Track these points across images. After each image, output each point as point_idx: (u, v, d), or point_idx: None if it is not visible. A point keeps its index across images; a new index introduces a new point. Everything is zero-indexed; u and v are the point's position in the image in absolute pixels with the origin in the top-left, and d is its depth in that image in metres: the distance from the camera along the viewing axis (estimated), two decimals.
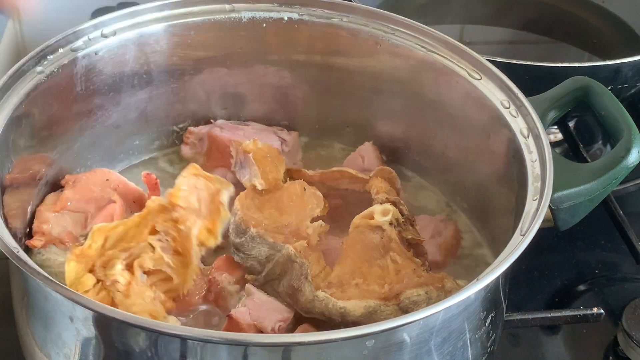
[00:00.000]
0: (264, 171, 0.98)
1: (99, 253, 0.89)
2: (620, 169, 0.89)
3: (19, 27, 1.46)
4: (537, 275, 1.13)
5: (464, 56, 1.00)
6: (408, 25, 1.03)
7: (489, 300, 0.83)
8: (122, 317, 0.70)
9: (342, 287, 0.87)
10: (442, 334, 0.78)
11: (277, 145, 1.08)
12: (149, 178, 0.99)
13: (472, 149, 1.01)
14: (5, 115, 0.90)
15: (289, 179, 1.01)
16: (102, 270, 0.87)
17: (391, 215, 0.90)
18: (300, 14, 1.06)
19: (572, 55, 1.42)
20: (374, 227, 0.91)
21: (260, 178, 0.98)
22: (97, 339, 0.75)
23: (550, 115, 0.96)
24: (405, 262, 0.88)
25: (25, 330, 0.84)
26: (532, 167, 0.89)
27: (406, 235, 0.92)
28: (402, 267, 0.88)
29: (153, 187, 1.00)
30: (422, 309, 0.73)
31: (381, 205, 0.93)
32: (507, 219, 0.92)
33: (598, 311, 1.00)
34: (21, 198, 0.95)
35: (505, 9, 1.49)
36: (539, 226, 0.80)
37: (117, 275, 0.86)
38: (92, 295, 0.86)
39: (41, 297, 0.78)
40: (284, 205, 0.97)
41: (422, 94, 1.04)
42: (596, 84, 0.95)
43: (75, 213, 0.98)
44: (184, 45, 1.06)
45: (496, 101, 0.96)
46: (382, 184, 0.98)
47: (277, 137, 1.10)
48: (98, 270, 0.87)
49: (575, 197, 0.89)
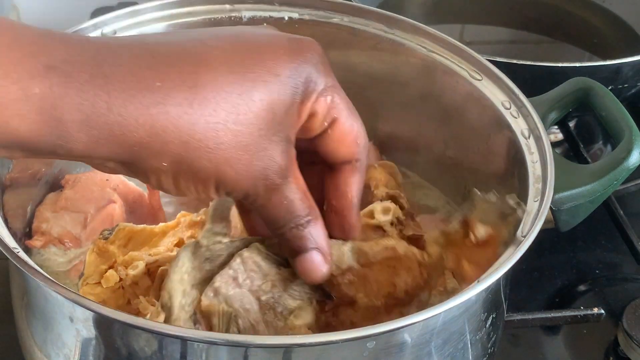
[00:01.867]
0: None
1: (121, 252, 0.89)
2: (621, 170, 0.89)
3: None
4: (538, 275, 1.13)
5: (464, 57, 1.00)
6: (409, 26, 1.03)
7: (490, 302, 0.83)
8: (123, 319, 0.69)
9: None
10: (443, 335, 0.78)
11: None
12: None
13: (472, 150, 1.01)
14: None
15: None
16: (124, 270, 0.87)
17: (392, 215, 0.90)
18: (300, 14, 1.06)
19: (572, 55, 1.42)
20: (375, 227, 0.90)
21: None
22: (97, 339, 0.74)
23: (551, 116, 0.95)
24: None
25: (25, 330, 0.83)
26: (533, 168, 0.89)
27: (407, 232, 0.91)
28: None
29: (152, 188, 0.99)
30: (423, 310, 0.72)
31: (381, 202, 0.92)
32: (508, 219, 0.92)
33: (598, 311, 1.00)
34: (21, 198, 0.95)
35: (505, 9, 1.49)
36: (540, 228, 0.80)
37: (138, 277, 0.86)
38: (109, 292, 0.86)
39: (41, 298, 0.77)
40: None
41: (423, 94, 1.04)
42: (597, 85, 0.95)
43: (74, 213, 0.98)
44: None
45: (497, 102, 0.96)
46: (380, 174, 0.98)
47: None
48: (120, 268, 0.87)
49: (576, 199, 0.88)
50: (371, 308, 0.84)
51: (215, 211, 0.85)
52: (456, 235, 0.85)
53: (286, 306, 0.81)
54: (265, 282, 0.81)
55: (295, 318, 0.81)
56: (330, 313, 0.83)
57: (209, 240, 0.82)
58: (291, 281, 0.82)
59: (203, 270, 0.81)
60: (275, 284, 0.82)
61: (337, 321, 0.83)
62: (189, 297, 0.80)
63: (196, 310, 0.79)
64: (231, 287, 0.80)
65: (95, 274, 0.87)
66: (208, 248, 0.82)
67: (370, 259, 0.84)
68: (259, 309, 0.81)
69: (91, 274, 0.87)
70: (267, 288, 0.81)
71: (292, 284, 0.82)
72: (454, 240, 0.85)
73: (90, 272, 0.88)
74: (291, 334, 0.79)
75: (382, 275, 0.84)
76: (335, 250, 0.83)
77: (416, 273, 0.85)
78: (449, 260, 0.85)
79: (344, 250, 0.84)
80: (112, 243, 0.89)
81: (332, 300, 0.83)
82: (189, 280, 0.81)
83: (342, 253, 0.83)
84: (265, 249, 0.82)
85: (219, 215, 0.85)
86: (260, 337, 0.77)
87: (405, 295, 0.84)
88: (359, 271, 0.84)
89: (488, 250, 0.83)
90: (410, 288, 0.84)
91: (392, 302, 0.84)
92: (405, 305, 0.84)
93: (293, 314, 0.81)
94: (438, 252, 0.86)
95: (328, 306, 0.83)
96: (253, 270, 0.81)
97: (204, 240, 0.82)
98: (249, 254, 0.82)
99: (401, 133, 1.10)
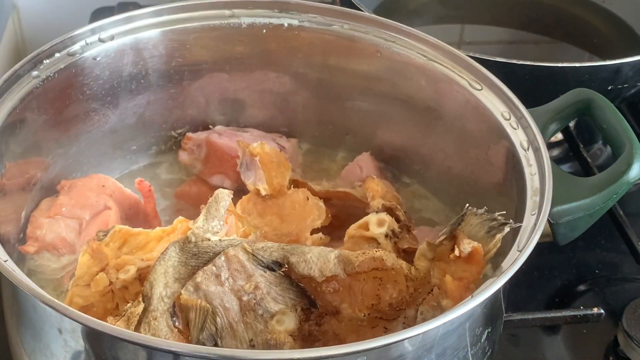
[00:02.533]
0: (270, 176, 0.97)
1: (115, 254, 0.88)
2: (621, 183, 0.88)
3: (19, 27, 1.46)
4: (537, 275, 1.13)
5: (465, 66, 0.99)
6: (409, 34, 1.02)
7: (485, 316, 0.82)
8: (110, 331, 0.69)
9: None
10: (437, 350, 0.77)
11: None
12: (142, 185, 0.99)
13: (471, 160, 1.00)
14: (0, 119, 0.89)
15: (292, 187, 1.00)
16: (115, 273, 0.86)
17: (386, 227, 0.89)
18: (300, 21, 1.05)
19: (572, 55, 1.41)
20: (369, 239, 0.89)
21: (265, 183, 0.97)
22: (86, 351, 0.74)
23: (551, 128, 0.94)
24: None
25: (15, 338, 0.83)
26: (531, 181, 0.88)
27: (402, 246, 0.91)
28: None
29: (147, 195, 0.99)
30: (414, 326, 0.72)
31: (377, 214, 0.91)
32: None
33: (598, 311, 1.00)
34: (15, 203, 0.95)
35: (505, 9, 1.48)
36: (536, 242, 0.79)
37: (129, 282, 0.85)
38: (97, 296, 0.85)
39: (30, 307, 0.77)
40: (285, 213, 0.96)
41: (423, 102, 1.03)
42: (598, 97, 0.94)
43: (69, 219, 0.97)
44: (182, 50, 1.04)
45: (497, 112, 0.95)
46: (378, 186, 0.97)
47: (275, 144, 1.09)
48: (111, 271, 0.86)
49: (574, 212, 0.88)
50: (355, 320, 0.83)
51: (210, 207, 0.85)
52: (444, 249, 0.84)
53: (267, 309, 0.81)
54: (249, 282, 0.81)
55: (278, 323, 0.81)
56: (313, 322, 0.83)
57: (198, 237, 0.83)
58: (276, 285, 0.82)
59: (189, 266, 0.81)
60: (259, 286, 0.82)
61: (320, 331, 0.83)
62: (169, 289, 0.80)
63: (175, 303, 0.79)
64: (212, 284, 0.80)
65: (86, 275, 0.87)
66: (196, 244, 0.82)
67: (356, 269, 0.84)
68: (239, 309, 0.81)
69: (82, 275, 0.87)
70: (250, 289, 0.81)
71: (277, 288, 0.82)
72: (440, 254, 0.84)
73: (82, 274, 0.87)
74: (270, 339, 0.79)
75: (368, 287, 0.84)
76: (320, 257, 0.83)
77: (402, 287, 0.84)
78: (435, 275, 0.85)
79: (329, 257, 0.83)
80: (106, 245, 0.88)
81: (317, 308, 0.83)
82: (172, 274, 0.81)
83: (328, 260, 0.83)
84: (252, 250, 0.82)
85: (214, 213, 0.84)
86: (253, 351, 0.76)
87: (390, 309, 0.84)
88: (345, 280, 0.83)
89: (473, 267, 0.83)
90: (396, 302, 0.84)
91: (376, 315, 0.84)
92: (390, 321, 0.84)
93: (275, 318, 0.81)
94: (426, 266, 0.85)
95: (313, 315, 0.83)
96: (237, 270, 0.82)
97: (192, 237, 0.82)
98: (234, 253, 0.82)
99: (401, 140, 1.09)
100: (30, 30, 1.46)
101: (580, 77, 1.10)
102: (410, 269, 0.85)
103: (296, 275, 0.83)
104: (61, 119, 0.99)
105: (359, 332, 0.83)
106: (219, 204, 0.85)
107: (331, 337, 0.82)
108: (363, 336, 0.82)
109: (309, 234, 0.94)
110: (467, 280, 0.82)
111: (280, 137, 1.11)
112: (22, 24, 1.46)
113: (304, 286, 0.83)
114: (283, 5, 1.05)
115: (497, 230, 0.83)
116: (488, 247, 0.83)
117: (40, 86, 0.94)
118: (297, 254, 0.83)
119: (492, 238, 0.83)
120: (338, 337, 0.82)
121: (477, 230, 0.84)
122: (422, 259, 0.85)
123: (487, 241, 0.83)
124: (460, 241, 0.82)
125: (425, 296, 0.83)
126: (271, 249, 0.83)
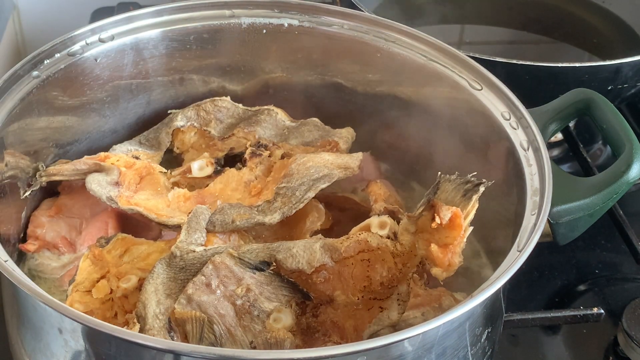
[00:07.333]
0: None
1: (116, 262, 0.88)
2: (621, 184, 0.88)
3: (19, 27, 1.46)
4: (537, 275, 1.13)
5: (465, 66, 0.99)
6: (409, 34, 1.02)
7: (485, 316, 0.82)
8: (110, 331, 0.69)
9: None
10: (437, 350, 0.77)
11: None
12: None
13: (472, 160, 1.00)
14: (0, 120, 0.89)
15: None
16: (116, 281, 0.86)
17: (388, 230, 0.89)
18: (300, 21, 1.05)
19: (572, 55, 1.41)
20: None
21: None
22: (86, 351, 0.74)
23: (551, 128, 0.94)
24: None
25: (15, 338, 0.83)
26: (531, 181, 0.88)
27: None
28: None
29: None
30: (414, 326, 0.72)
31: (378, 217, 0.91)
32: (506, 230, 0.91)
33: (598, 311, 1.00)
34: (16, 203, 0.95)
35: (505, 9, 1.49)
36: (535, 242, 0.79)
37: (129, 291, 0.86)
38: (98, 303, 0.85)
39: (30, 307, 0.77)
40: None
41: (423, 102, 1.03)
42: (598, 97, 0.94)
43: (70, 218, 0.98)
44: (183, 50, 1.05)
45: (497, 112, 0.95)
46: (380, 189, 0.97)
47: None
48: (112, 279, 0.87)
49: (574, 212, 0.88)
50: (350, 305, 0.84)
51: (191, 222, 0.86)
52: (424, 220, 0.85)
53: (262, 309, 0.82)
54: (240, 286, 0.82)
55: (275, 321, 0.81)
56: (310, 314, 0.84)
57: (183, 250, 0.83)
58: (267, 284, 0.83)
59: (178, 280, 0.82)
60: (251, 288, 0.82)
61: (318, 322, 0.84)
62: (162, 306, 0.80)
63: (170, 318, 0.79)
64: (204, 294, 0.81)
65: (86, 281, 0.87)
66: (182, 258, 0.83)
67: (342, 254, 0.84)
68: (235, 314, 0.81)
69: (82, 281, 0.87)
70: (242, 292, 0.81)
71: (269, 287, 0.83)
72: (422, 226, 0.86)
73: (82, 279, 0.87)
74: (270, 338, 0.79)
75: (357, 270, 0.85)
76: (305, 250, 0.83)
77: (391, 264, 0.85)
78: (420, 247, 0.86)
79: (315, 248, 0.84)
80: (108, 252, 0.89)
81: (311, 300, 0.84)
82: (163, 290, 0.81)
83: (314, 251, 0.84)
84: (238, 254, 0.83)
85: (194, 226, 0.85)
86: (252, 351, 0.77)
87: (382, 288, 0.84)
88: (333, 268, 0.84)
89: (455, 232, 0.84)
90: (387, 280, 0.85)
91: (370, 296, 0.84)
92: (384, 300, 0.85)
93: (272, 317, 0.82)
94: (410, 240, 0.86)
95: (308, 307, 0.83)
96: (226, 276, 0.82)
97: (177, 251, 0.83)
98: (221, 260, 0.82)
99: (401, 141, 1.09)
100: (30, 30, 1.46)
101: (580, 77, 1.10)
102: (395, 246, 0.86)
103: (285, 271, 0.84)
104: (61, 119, 0.99)
105: (356, 316, 0.84)
106: (199, 218, 0.86)
107: (330, 326, 0.83)
108: (361, 319, 0.84)
109: (309, 237, 0.93)
110: (452, 245, 0.83)
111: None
112: (22, 24, 1.46)
113: (295, 280, 0.84)
114: (283, 5, 1.05)
115: (472, 191, 0.85)
116: (467, 210, 0.85)
117: (41, 86, 0.94)
118: (282, 251, 0.84)
119: (469, 200, 0.85)
120: (337, 325, 0.83)
121: (453, 196, 0.85)
122: (405, 233, 0.87)
123: (465, 204, 0.85)
124: (439, 209, 0.84)
125: (415, 269, 0.84)
126: (257, 250, 0.84)
